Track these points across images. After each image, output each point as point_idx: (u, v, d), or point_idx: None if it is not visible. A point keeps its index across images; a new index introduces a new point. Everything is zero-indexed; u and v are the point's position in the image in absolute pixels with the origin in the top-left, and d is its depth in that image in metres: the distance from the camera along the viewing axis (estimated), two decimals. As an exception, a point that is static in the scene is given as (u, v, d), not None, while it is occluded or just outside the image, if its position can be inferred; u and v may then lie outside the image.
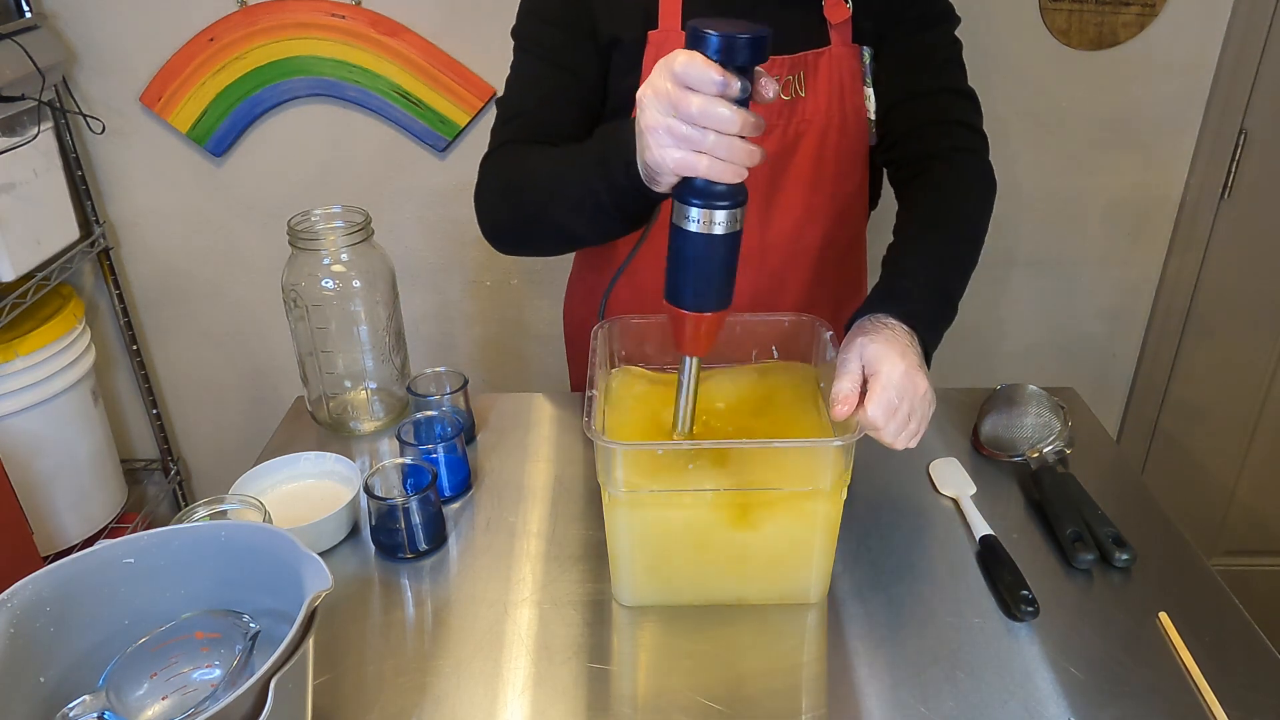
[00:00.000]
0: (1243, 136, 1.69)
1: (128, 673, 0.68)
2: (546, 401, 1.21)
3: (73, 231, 1.62)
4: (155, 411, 1.95)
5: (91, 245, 1.72)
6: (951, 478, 1.03)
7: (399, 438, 0.99)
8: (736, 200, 0.70)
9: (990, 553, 0.91)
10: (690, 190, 0.71)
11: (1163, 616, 0.84)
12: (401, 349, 1.17)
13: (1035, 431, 1.05)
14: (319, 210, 1.11)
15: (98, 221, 1.74)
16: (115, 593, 0.71)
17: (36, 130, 1.51)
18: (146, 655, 0.69)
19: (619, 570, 0.86)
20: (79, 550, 0.71)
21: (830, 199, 1.08)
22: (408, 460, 0.97)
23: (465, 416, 1.10)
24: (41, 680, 0.66)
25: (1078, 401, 1.18)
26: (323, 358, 1.11)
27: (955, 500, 1.00)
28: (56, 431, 1.60)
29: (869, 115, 1.06)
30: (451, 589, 0.90)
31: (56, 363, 1.56)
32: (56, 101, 1.59)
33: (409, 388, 1.10)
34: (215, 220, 1.78)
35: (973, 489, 1.01)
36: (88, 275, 1.82)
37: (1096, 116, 1.70)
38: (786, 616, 0.86)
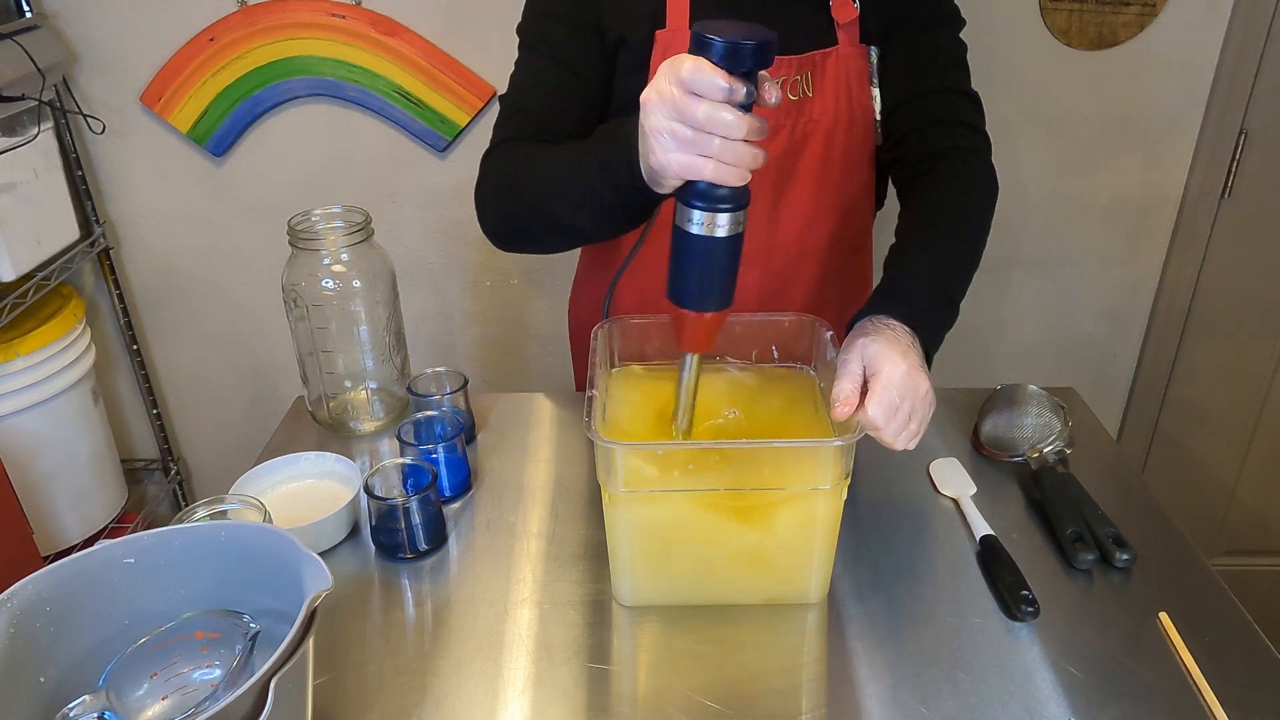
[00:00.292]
0: (1243, 136, 1.69)
1: (128, 673, 0.68)
2: (547, 401, 1.21)
3: (73, 231, 1.62)
4: (155, 411, 1.95)
5: (91, 245, 1.72)
6: (952, 478, 1.03)
7: (399, 438, 0.99)
8: (740, 203, 0.71)
9: (990, 553, 0.91)
10: (693, 193, 0.71)
11: (1163, 616, 0.84)
12: (401, 349, 1.17)
13: (1035, 431, 1.05)
14: (319, 210, 1.11)
15: (98, 221, 1.74)
16: (115, 593, 0.71)
17: (36, 130, 1.51)
18: (146, 655, 0.69)
19: (619, 570, 0.86)
20: (79, 550, 0.70)
21: (837, 198, 1.08)
22: (408, 460, 0.97)
23: (465, 416, 1.10)
24: (41, 680, 0.66)
25: (1078, 401, 1.18)
26: (323, 358, 1.11)
27: (955, 500, 1.00)
28: (56, 431, 1.60)
29: (875, 115, 1.06)
30: (451, 589, 0.90)
31: (56, 363, 1.56)
32: (56, 101, 1.59)
33: (409, 388, 1.10)
34: (215, 220, 1.78)
35: (973, 489, 1.01)
36: (88, 275, 1.82)
37: (1096, 116, 1.70)
38: (786, 616, 0.86)
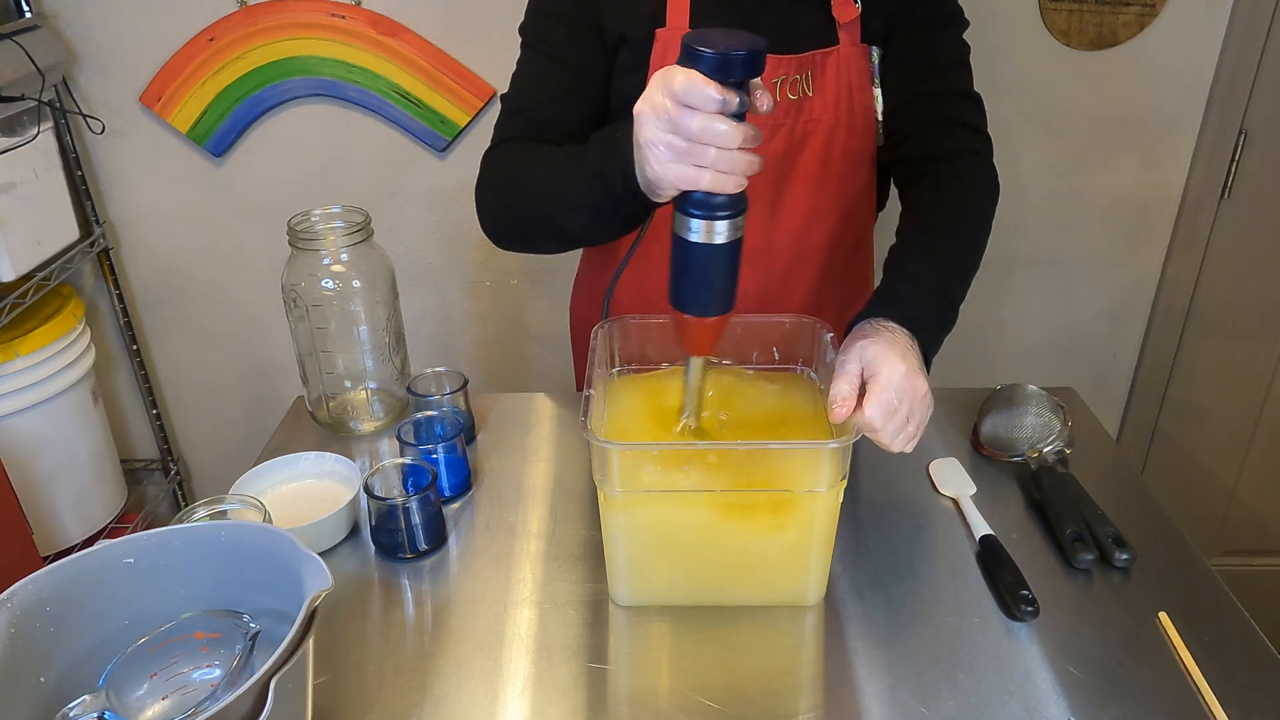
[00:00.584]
0: (1243, 136, 1.69)
1: (128, 673, 0.68)
2: (547, 401, 1.21)
3: (73, 231, 1.62)
4: (155, 411, 1.95)
5: (91, 245, 1.72)
6: (951, 478, 1.03)
7: (399, 438, 0.99)
8: (737, 209, 0.71)
9: (990, 553, 0.91)
10: (691, 202, 0.71)
11: (1163, 616, 0.84)
12: (401, 349, 1.17)
13: (1035, 431, 1.05)
14: (319, 210, 1.11)
15: (98, 221, 1.74)
16: (115, 593, 0.71)
17: (36, 130, 1.51)
18: (146, 655, 0.69)
19: (615, 571, 0.86)
20: (79, 550, 0.70)
21: (837, 199, 1.08)
22: (408, 460, 0.97)
23: (465, 416, 1.10)
24: (41, 680, 0.66)
25: (1078, 401, 1.18)
26: (323, 358, 1.11)
27: (955, 500, 1.00)
28: (56, 431, 1.60)
29: (877, 116, 1.06)
30: (451, 589, 0.90)
31: (56, 363, 1.56)
32: (56, 101, 1.59)
33: (409, 388, 1.10)
34: (215, 220, 1.78)
35: (973, 489, 1.01)
36: (88, 275, 1.82)
37: (1096, 117, 1.70)
38: (786, 616, 0.86)
